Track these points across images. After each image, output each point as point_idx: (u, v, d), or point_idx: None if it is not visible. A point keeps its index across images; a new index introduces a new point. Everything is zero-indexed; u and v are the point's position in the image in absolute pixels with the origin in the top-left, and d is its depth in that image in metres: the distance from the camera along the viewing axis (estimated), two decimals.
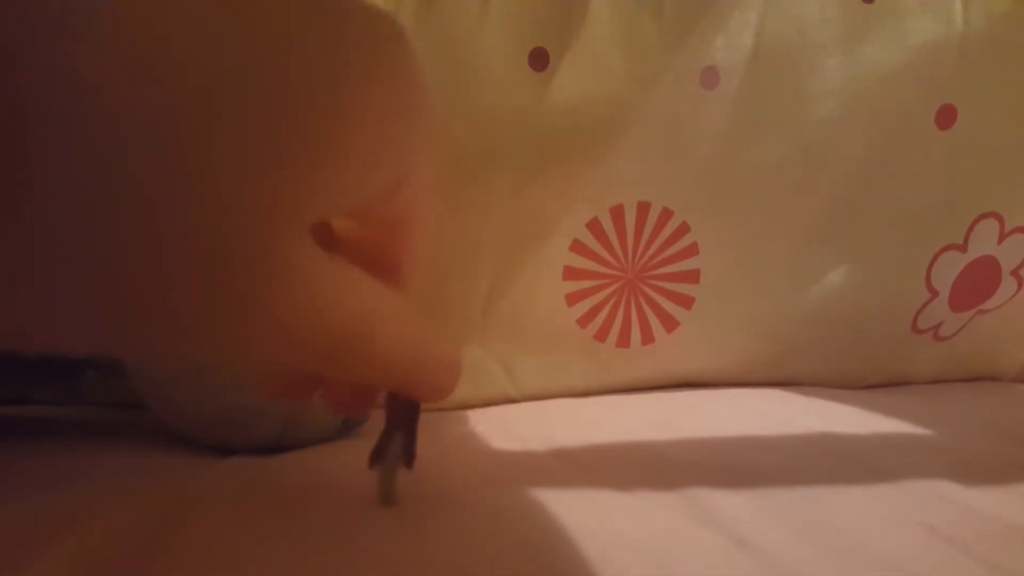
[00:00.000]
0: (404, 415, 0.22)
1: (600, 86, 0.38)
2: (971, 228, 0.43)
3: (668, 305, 0.43)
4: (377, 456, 0.22)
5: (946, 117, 0.41)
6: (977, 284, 0.45)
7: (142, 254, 0.11)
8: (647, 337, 0.43)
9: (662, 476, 0.26)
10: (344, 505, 0.23)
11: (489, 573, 0.19)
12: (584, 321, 0.43)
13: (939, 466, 0.27)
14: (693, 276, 0.42)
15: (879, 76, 0.40)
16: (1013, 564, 0.19)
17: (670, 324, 0.43)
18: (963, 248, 0.44)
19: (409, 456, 0.22)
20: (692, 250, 0.42)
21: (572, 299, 0.42)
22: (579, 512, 0.23)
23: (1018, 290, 0.46)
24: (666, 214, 0.41)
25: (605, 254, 0.41)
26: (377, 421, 0.23)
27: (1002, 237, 0.44)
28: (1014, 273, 0.45)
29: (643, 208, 0.41)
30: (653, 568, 0.19)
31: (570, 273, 0.41)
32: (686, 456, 0.30)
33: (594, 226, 0.41)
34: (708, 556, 0.20)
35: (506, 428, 0.36)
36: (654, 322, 0.43)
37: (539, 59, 0.38)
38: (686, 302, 0.43)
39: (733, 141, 0.40)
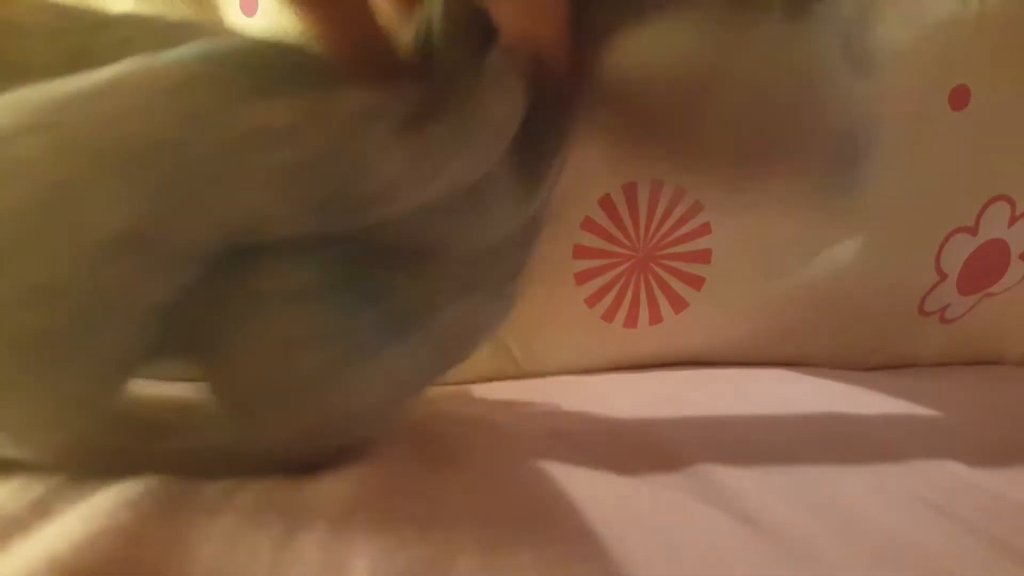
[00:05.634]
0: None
1: None
2: (982, 211, 0.43)
3: (678, 285, 0.43)
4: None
5: (960, 97, 0.41)
6: (986, 267, 0.45)
7: None
8: (655, 317, 0.43)
9: (666, 454, 0.27)
10: (344, 474, 0.23)
11: (492, 550, 0.19)
12: (592, 301, 0.43)
13: (944, 446, 0.28)
14: (704, 256, 0.42)
15: (892, 54, 0.39)
16: (1017, 541, 0.20)
17: (679, 304, 0.43)
18: (974, 231, 0.44)
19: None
20: (704, 229, 0.42)
21: (581, 278, 0.42)
22: (583, 489, 0.23)
23: None
24: (679, 192, 0.41)
25: (616, 232, 0.41)
26: None
27: (1013, 220, 0.44)
28: (1023, 256, 0.45)
29: (656, 186, 0.40)
30: (659, 545, 0.19)
31: (580, 252, 0.41)
32: (691, 434, 0.30)
33: (606, 203, 0.41)
34: (714, 533, 0.20)
35: (510, 405, 0.36)
36: (663, 302, 0.43)
37: None
38: (696, 282, 0.43)
39: None
